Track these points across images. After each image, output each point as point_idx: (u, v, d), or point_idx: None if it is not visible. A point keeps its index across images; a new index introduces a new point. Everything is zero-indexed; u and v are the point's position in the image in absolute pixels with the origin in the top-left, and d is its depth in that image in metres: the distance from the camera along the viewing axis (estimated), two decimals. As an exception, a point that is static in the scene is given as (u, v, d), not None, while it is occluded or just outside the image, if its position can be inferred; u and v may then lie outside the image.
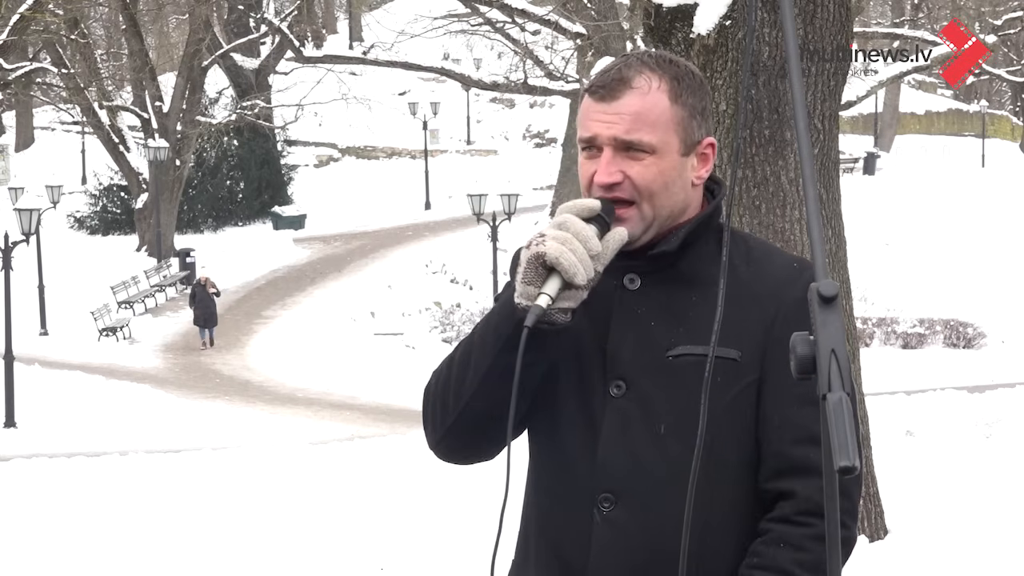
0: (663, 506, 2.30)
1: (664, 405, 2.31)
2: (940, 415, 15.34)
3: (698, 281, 2.35)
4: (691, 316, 2.34)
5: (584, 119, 2.37)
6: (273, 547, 9.45)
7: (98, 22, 53.80)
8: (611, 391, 2.33)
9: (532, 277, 2.23)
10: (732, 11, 7.85)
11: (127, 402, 23.81)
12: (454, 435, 2.38)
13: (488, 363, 2.30)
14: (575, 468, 2.34)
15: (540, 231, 2.28)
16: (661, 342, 2.32)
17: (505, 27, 26.34)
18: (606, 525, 2.31)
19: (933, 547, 7.65)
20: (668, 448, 2.30)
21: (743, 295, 2.33)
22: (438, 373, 2.40)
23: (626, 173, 2.32)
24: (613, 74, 2.35)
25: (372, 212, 47.08)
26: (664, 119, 2.34)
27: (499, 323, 2.30)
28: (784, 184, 7.76)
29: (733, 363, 2.32)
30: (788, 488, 2.31)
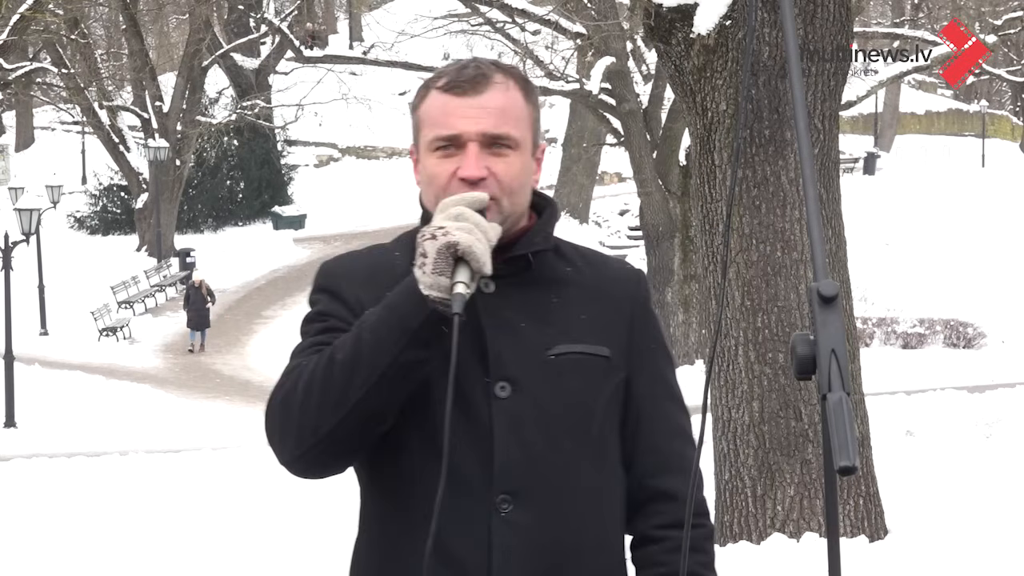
0: (561, 503, 2.32)
1: (553, 403, 2.33)
2: (940, 415, 15.34)
3: (552, 284, 2.38)
4: (557, 317, 2.37)
5: (443, 116, 2.34)
6: (273, 547, 9.45)
7: (98, 22, 53.79)
8: (496, 392, 2.31)
9: (443, 267, 2.21)
10: (732, 11, 7.85)
11: (127, 402, 23.80)
12: (327, 444, 2.26)
13: (388, 361, 2.22)
14: (464, 471, 2.29)
15: (435, 224, 2.25)
16: (537, 342, 2.34)
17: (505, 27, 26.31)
18: (505, 526, 2.30)
19: (933, 547, 7.65)
20: (561, 445, 2.33)
21: (598, 296, 2.40)
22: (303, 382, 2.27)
23: (491, 169, 2.33)
24: (472, 71, 2.35)
25: (372, 212, 47.06)
26: (523, 116, 2.37)
27: (403, 318, 2.23)
28: (784, 184, 7.76)
29: (606, 360, 2.37)
30: (670, 488, 2.40)
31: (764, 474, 7.71)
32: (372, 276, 2.41)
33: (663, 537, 2.38)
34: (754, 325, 7.76)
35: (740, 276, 7.78)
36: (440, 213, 2.27)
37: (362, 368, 2.23)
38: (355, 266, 2.46)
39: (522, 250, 2.37)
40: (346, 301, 2.39)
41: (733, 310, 7.79)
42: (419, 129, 2.40)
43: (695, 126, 8.08)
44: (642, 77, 26.24)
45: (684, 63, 8.02)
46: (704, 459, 3.48)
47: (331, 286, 2.42)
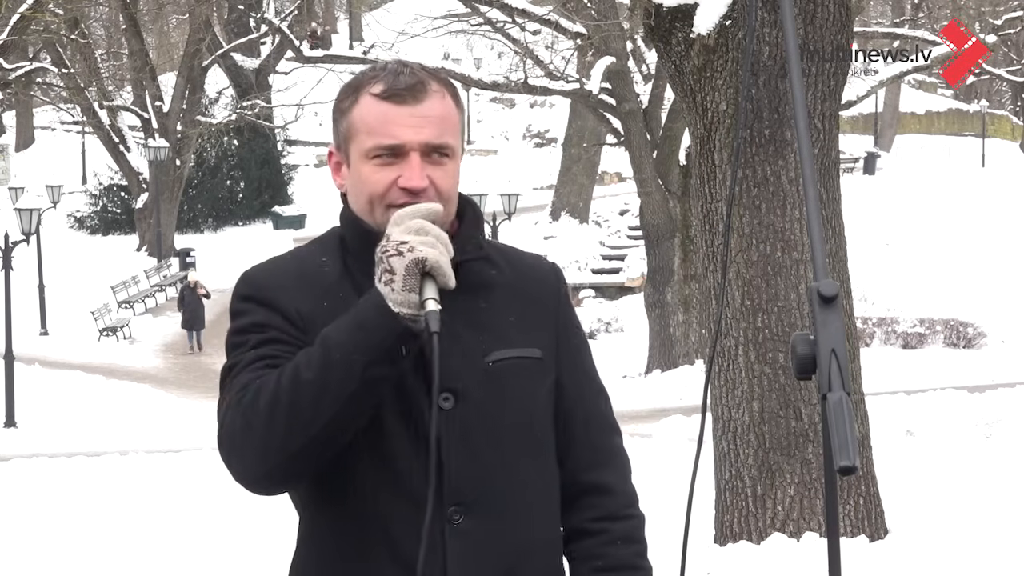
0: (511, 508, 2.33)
1: (496, 412, 2.33)
2: (940, 415, 15.35)
3: (479, 289, 2.38)
4: (489, 322, 2.36)
5: (382, 124, 2.31)
6: (273, 547, 9.45)
7: (98, 22, 53.77)
8: (440, 403, 2.28)
9: (413, 284, 2.19)
10: (732, 11, 7.85)
11: (127, 402, 23.80)
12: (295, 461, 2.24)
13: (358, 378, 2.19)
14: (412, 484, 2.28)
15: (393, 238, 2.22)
16: (475, 350, 2.33)
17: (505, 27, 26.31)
18: (459, 537, 2.30)
19: (933, 547, 7.65)
20: (509, 455, 2.34)
21: (522, 296, 2.41)
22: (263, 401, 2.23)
23: (431, 178, 2.32)
24: (408, 78, 2.33)
25: (372, 212, 47.04)
26: (456, 124, 2.37)
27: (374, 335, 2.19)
28: (784, 184, 7.75)
29: (538, 361, 2.38)
30: (603, 481, 2.43)
31: (764, 474, 7.71)
32: (303, 284, 2.36)
33: (600, 530, 2.41)
34: (754, 325, 7.76)
35: (740, 276, 7.78)
36: (396, 226, 2.24)
37: (332, 386, 2.20)
38: (283, 274, 2.39)
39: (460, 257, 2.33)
40: (283, 312, 2.34)
41: (733, 310, 7.79)
42: (351, 135, 2.36)
43: (695, 126, 8.08)
44: (642, 77, 26.24)
45: (684, 63, 8.02)
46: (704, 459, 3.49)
47: (263, 297, 2.36)
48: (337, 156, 2.41)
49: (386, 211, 2.32)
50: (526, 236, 37.12)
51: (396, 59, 2.45)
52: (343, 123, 2.37)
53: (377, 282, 2.22)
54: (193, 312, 30.36)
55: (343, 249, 2.40)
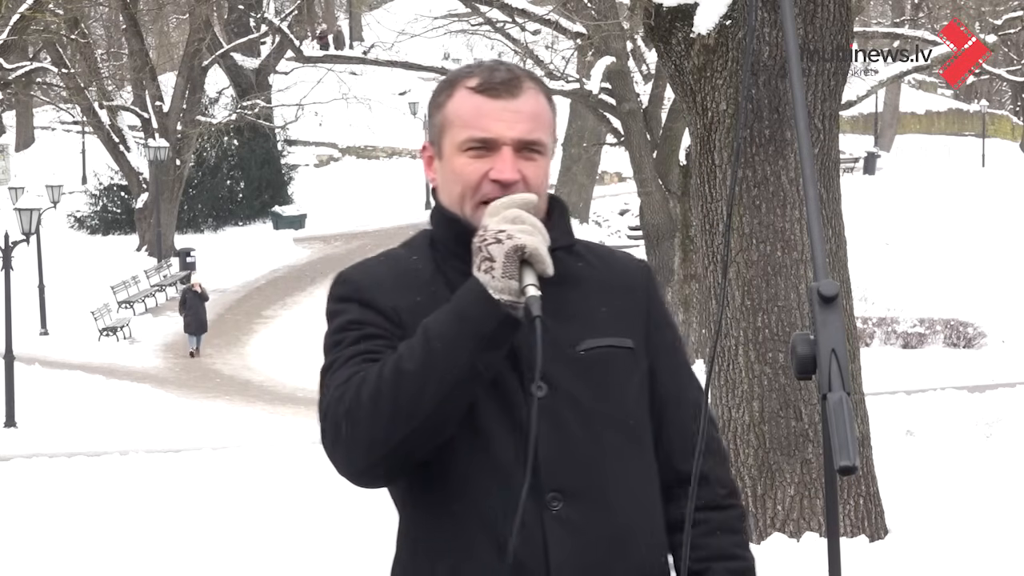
0: (610, 496, 2.35)
1: (588, 400, 2.36)
2: (940, 415, 15.34)
3: (570, 281, 2.40)
4: (579, 312, 2.39)
5: (478, 118, 2.34)
6: (273, 547, 9.45)
7: (98, 22, 53.79)
8: (532, 391, 2.31)
9: (513, 271, 2.22)
10: (732, 11, 7.85)
11: (127, 402, 23.81)
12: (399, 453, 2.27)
13: (462, 367, 2.23)
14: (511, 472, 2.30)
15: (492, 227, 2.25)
16: (564, 339, 2.35)
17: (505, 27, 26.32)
18: (558, 524, 2.32)
19: (933, 547, 7.65)
20: (603, 439, 2.36)
21: (612, 288, 2.44)
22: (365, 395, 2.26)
23: (522, 172, 2.34)
24: (504, 74, 2.36)
25: (372, 212, 47.07)
26: (549, 121, 2.40)
27: (476, 323, 2.23)
28: (784, 184, 7.75)
29: (630, 351, 2.41)
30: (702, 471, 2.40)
31: (764, 474, 7.71)
32: (397, 282, 2.39)
33: (699, 520, 2.40)
34: (754, 325, 7.76)
35: (740, 276, 7.78)
36: (493, 216, 2.27)
37: (434, 376, 2.23)
38: (378, 274, 2.43)
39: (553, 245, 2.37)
40: (381, 310, 2.37)
41: (733, 310, 7.79)
42: (444, 127, 2.39)
43: (695, 126, 8.08)
44: (642, 77, 26.24)
45: (684, 63, 8.02)
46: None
47: (359, 296, 2.40)
48: (430, 150, 2.44)
49: (477, 205, 2.35)
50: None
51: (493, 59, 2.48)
52: (438, 116, 2.41)
53: (476, 271, 2.25)
54: (196, 315, 30.04)
55: (433, 248, 2.43)
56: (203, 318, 30.12)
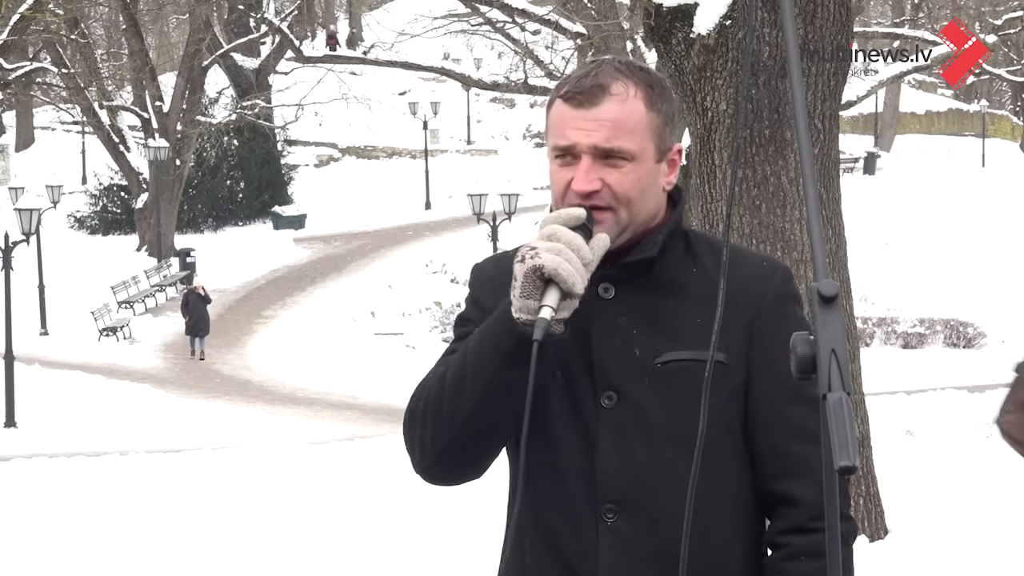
0: (667, 513, 2.31)
1: (658, 413, 2.32)
2: (940, 415, 15.35)
3: (672, 287, 2.36)
4: (672, 322, 2.35)
5: (560, 126, 2.34)
6: (273, 547, 9.45)
7: (98, 22, 53.80)
8: (603, 402, 2.32)
9: (531, 290, 2.21)
10: (732, 11, 7.85)
11: (127, 402, 23.81)
12: (448, 456, 2.34)
13: (486, 381, 2.26)
14: (573, 480, 2.33)
15: (529, 244, 2.26)
16: (647, 350, 2.33)
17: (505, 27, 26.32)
18: (611, 535, 2.32)
19: (933, 547, 7.65)
20: (666, 455, 2.32)
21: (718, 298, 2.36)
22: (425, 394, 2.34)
23: (605, 181, 2.32)
24: (590, 80, 2.34)
25: (372, 212, 47.07)
26: (641, 126, 2.34)
27: (497, 339, 2.26)
28: (784, 184, 7.76)
29: (722, 365, 2.33)
30: (790, 492, 2.34)
31: (764, 474, 7.71)
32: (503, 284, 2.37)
33: (785, 543, 2.34)
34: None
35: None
36: (539, 230, 2.27)
37: (466, 386, 2.28)
38: (497, 269, 2.44)
39: (635, 256, 2.36)
40: (482, 307, 2.41)
41: (733, 310, 7.78)
42: (547, 134, 2.42)
43: (695, 126, 8.09)
44: (642, 77, 26.18)
45: (684, 63, 8.02)
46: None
47: (474, 290, 2.45)
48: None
49: None
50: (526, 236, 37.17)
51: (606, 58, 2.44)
52: (545, 122, 2.44)
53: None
54: (199, 317, 29.81)
55: None
56: (206, 320, 29.94)
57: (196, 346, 29.97)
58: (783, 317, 2.38)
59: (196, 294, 30.20)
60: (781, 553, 2.34)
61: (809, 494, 2.33)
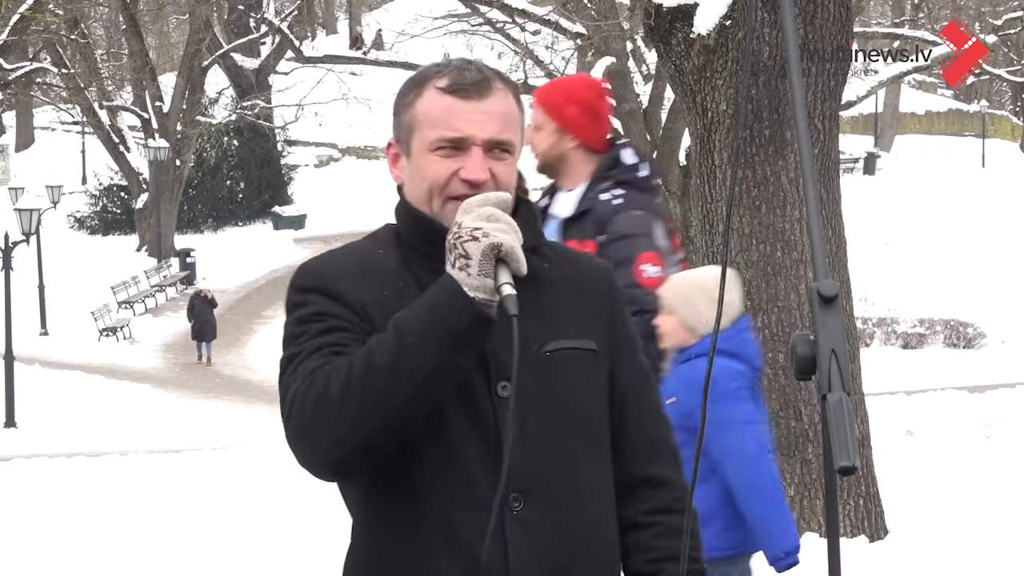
0: (570, 499, 2.35)
1: (552, 401, 2.36)
2: (940, 415, 15.35)
3: (533, 280, 2.38)
4: (547, 312, 2.39)
5: (447, 118, 2.35)
6: (273, 547, 9.45)
7: (98, 22, 53.79)
8: (499, 392, 2.32)
9: (488, 269, 2.22)
10: (732, 11, 7.85)
11: (127, 402, 23.81)
12: (364, 447, 2.25)
13: (433, 363, 2.22)
14: (473, 471, 2.31)
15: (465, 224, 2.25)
16: (532, 339, 2.35)
17: (505, 27, 26.34)
18: (519, 524, 2.31)
19: (933, 547, 7.65)
20: (565, 442, 2.36)
21: (578, 290, 2.44)
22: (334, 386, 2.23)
23: (492, 171, 2.35)
24: (473, 74, 2.37)
25: (372, 212, 47.04)
26: (518, 122, 2.42)
27: (447, 321, 2.22)
28: (784, 184, 7.76)
29: (594, 353, 2.41)
30: (658, 474, 2.46)
31: (764, 474, 7.71)
32: (363, 275, 2.38)
33: (653, 523, 2.43)
34: (754, 325, 7.76)
35: (740, 276, 7.79)
36: (467, 214, 2.27)
37: (406, 371, 2.22)
38: (344, 265, 2.42)
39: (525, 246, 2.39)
40: (347, 302, 2.35)
41: (733, 310, 7.79)
42: (413, 126, 2.40)
43: (695, 126, 8.09)
44: (642, 77, 26.24)
45: (684, 63, 8.02)
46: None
47: (324, 287, 2.38)
48: (396, 148, 2.46)
49: (445, 202, 2.37)
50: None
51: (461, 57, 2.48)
52: (406, 115, 2.42)
53: (450, 268, 2.24)
54: (205, 322, 29.31)
55: (398, 242, 2.44)
56: (212, 325, 29.48)
57: (203, 351, 29.54)
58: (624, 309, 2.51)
59: (202, 298, 29.78)
60: (651, 532, 2.43)
61: (675, 476, 2.47)
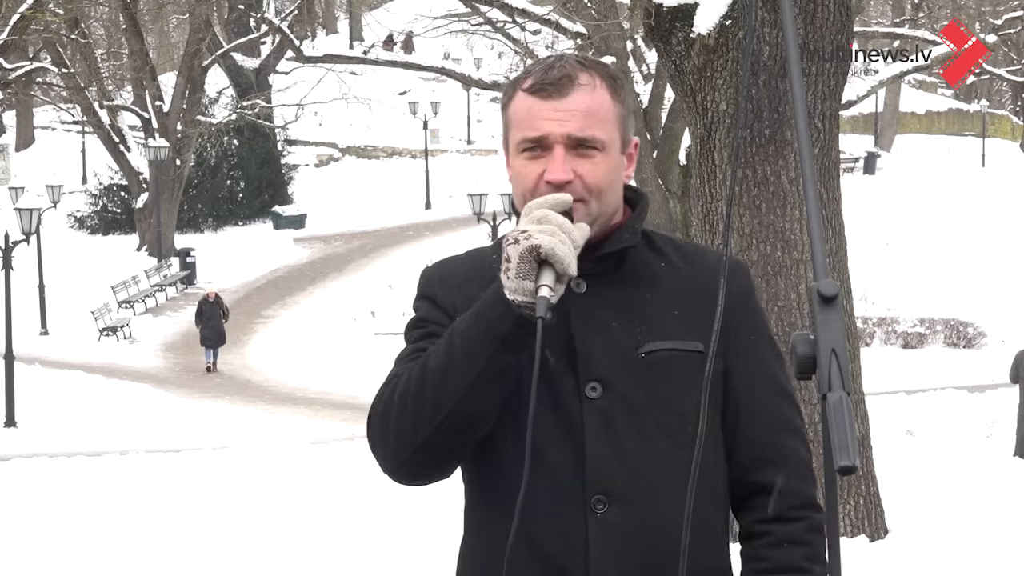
0: (656, 503, 2.31)
1: (643, 403, 2.32)
2: (940, 415, 15.37)
3: (644, 280, 2.37)
4: (649, 313, 2.36)
5: (529, 119, 2.33)
6: (272, 547, 9.45)
7: (98, 22, 53.78)
8: (587, 393, 2.31)
9: (527, 271, 2.19)
10: (732, 11, 7.85)
11: (127, 402, 23.81)
12: (425, 451, 2.28)
13: (480, 366, 2.22)
14: (558, 472, 2.30)
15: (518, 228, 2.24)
16: (628, 341, 2.33)
17: (505, 27, 26.34)
18: (601, 527, 2.30)
19: (933, 547, 7.65)
20: (655, 445, 2.32)
21: (693, 290, 2.39)
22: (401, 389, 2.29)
23: (577, 171, 2.32)
24: (556, 72, 2.34)
25: (372, 212, 47.08)
26: (610, 116, 2.35)
27: (490, 324, 2.22)
28: (784, 184, 7.76)
29: (699, 355, 2.35)
30: (769, 481, 2.37)
31: (764, 474, 7.71)
32: (469, 280, 2.39)
33: (764, 532, 2.36)
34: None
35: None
36: (525, 216, 2.26)
37: (454, 376, 2.24)
38: (453, 271, 2.44)
39: (610, 248, 2.36)
40: (443, 307, 2.39)
41: (733, 310, 7.78)
42: (507, 129, 2.40)
43: (695, 126, 8.09)
44: (642, 77, 26.24)
45: (684, 63, 8.02)
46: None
47: (429, 292, 2.42)
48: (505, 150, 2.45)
49: None
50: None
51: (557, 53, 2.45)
52: (503, 118, 2.41)
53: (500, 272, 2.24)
54: (213, 328, 28.58)
55: None
56: (221, 330, 28.74)
57: (209, 357, 28.79)
58: (752, 310, 2.42)
59: (209, 302, 29.12)
60: (763, 541, 2.35)
61: (788, 483, 2.37)
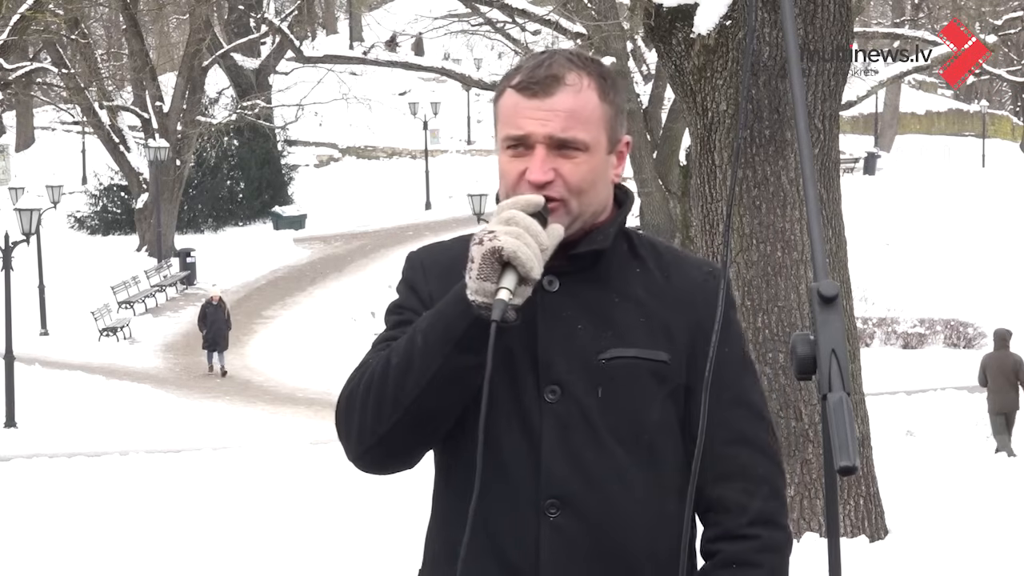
0: (609, 510, 2.29)
1: (601, 409, 2.30)
2: (940, 415, 15.37)
3: (617, 284, 2.34)
4: (616, 318, 2.32)
5: (513, 116, 2.31)
6: (273, 547, 9.45)
7: (98, 22, 53.78)
8: (546, 397, 2.29)
9: (488, 272, 2.18)
10: (732, 11, 7.85)
11: (127, 402, 23.82)
12: (386, 444, 2.28)
13: (437, 365, 2.22)
14: (514, 474, 2.29)
15: (487, 227, 2.23)
16: (591, 345, 2.30)
17: (505, 27, 26.35)
18: (554, 531, 2.28)
19: (933, 547, 7.65)
20: (610, 452, 2.29)
21: (663, 299, 2.35)
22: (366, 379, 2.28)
23: (558, 171, 2.29)
24: (544, 70, 2.31)
25: (372, 212, 47.08)
26: (595, 117, 2.33)
27: (448, 323, 2.22)
28: (784, 184, 7.76)
29: (663, 364, 2.32)
30: (724, 496, 2.31)
31: (764, 474, 7.71)
32: (451, 268, 2.34)
33: (716, 551, 2.31)
34: (754, 325, 7.76)
35: (740, 276, 7.79)
36: (495, 216, 2.25)
37: (413, 372, 2.23)
38: (437, 258, 2.42)
39: (583, 248, 2.33)
40: (420, 294, 2.38)
41: (733, 310, 7.78)
42: (496, 124, 2.39)
43: (695, 126, 8.09)
44: (642, 77, 26.25)
45: (684, 63, 8.02)
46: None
47: (409, 277, 2.42)
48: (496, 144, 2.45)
49: None
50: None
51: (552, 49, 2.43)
52: (494, 112, 2.41)
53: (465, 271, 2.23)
54: (217, 331, 28.33)
55: None
56: (224, 335, 28.43)
57: (213, 362, 28.51)
58: (726, 323, 2.30)
59: (213, 305, 28.87)
60: (712, 562, 2.31)
61: (743, 499, 2.30)
